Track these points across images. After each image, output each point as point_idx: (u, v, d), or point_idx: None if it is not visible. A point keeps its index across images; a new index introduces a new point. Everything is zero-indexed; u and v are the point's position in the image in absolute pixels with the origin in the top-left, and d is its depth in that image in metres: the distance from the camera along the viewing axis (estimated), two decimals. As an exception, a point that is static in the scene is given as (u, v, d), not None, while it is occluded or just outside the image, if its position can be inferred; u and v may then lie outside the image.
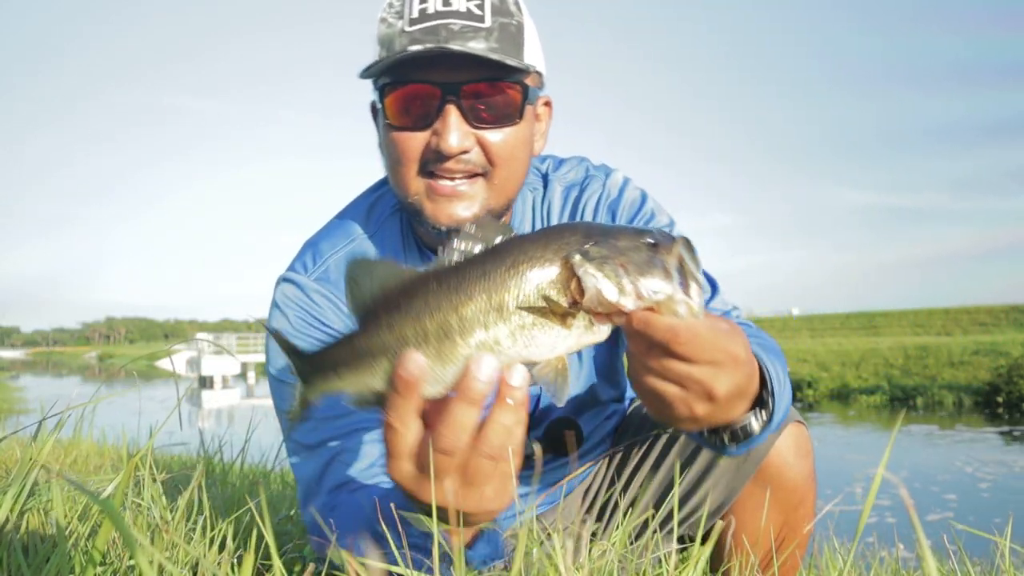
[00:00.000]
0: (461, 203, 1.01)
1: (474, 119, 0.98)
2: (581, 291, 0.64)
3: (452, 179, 1.00)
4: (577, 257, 0.64)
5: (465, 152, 0.99)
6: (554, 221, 1.20)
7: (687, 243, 0.67)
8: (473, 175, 1.01)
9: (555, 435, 1.18)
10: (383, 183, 1.22)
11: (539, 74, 1.07)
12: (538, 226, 1.21)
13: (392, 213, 1.18)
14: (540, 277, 0.64)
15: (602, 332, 0.67)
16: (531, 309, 0.64)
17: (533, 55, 1.03)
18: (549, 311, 0.65)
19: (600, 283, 0.63)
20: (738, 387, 0.74)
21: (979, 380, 18.07)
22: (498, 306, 0.64)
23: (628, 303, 0.64)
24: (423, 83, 0.97)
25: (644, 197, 1.24)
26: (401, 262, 1.14)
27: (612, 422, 1.36)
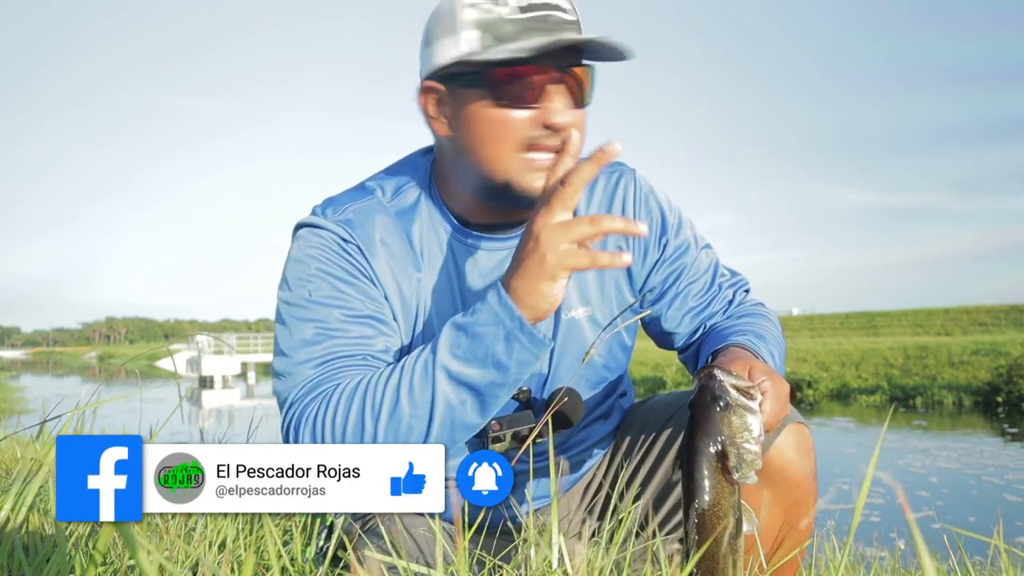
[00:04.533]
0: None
1: (576, 100, 1.07)
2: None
3: (549, 153, 1.06)
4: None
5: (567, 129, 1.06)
6: (581, 210, 1.24)
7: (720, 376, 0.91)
8: (556, 152, 1.07)
9: (557, 404, 1.19)
10: (408, 160, 1.24)
11: None
12: None
13: (415, 185, 1.20)
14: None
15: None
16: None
17: None
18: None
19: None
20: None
21: (979, 380, 18.08)
22: None
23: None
24: (535, 63, 1.04)
25: (663, 205, 1.30)
26: (417, 230, 1.16)
27: (614, 421, 1.36)
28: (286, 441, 1.03)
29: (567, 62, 1.05)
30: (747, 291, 1.33)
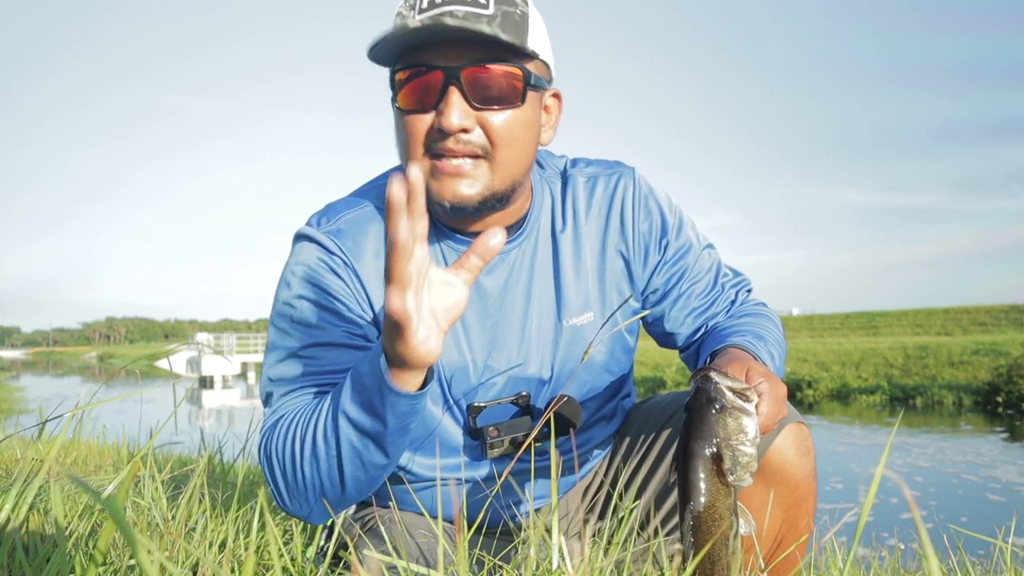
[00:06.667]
0: (464, 180, 1.05)
1: (475, 100, 1.02)
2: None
3: (455, 158, 1.04)
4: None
5: (465, 131, 1.02)
6: (581, 214, 1.24)
7: (715, 378, 0.90)
8: (475, 156, 1.04)
9: (552, 409, 1.18)
10: (396, 170, 1.24)
11: (546, 65, 1.10)
12: (559, 219, 1.23)
13: None
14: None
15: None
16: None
17: (538, 44, 1.07)
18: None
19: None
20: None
21: (979, 380, 18.07)
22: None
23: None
24: (426, 66, 1.02)
25: (664, 206, 1.29)
26: None
27: (617, 422, 1.36)
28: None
29: (460, 61, 1.01)
30: (749, 291, 1.33)
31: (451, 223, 1.15)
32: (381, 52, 1.03)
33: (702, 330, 1.28)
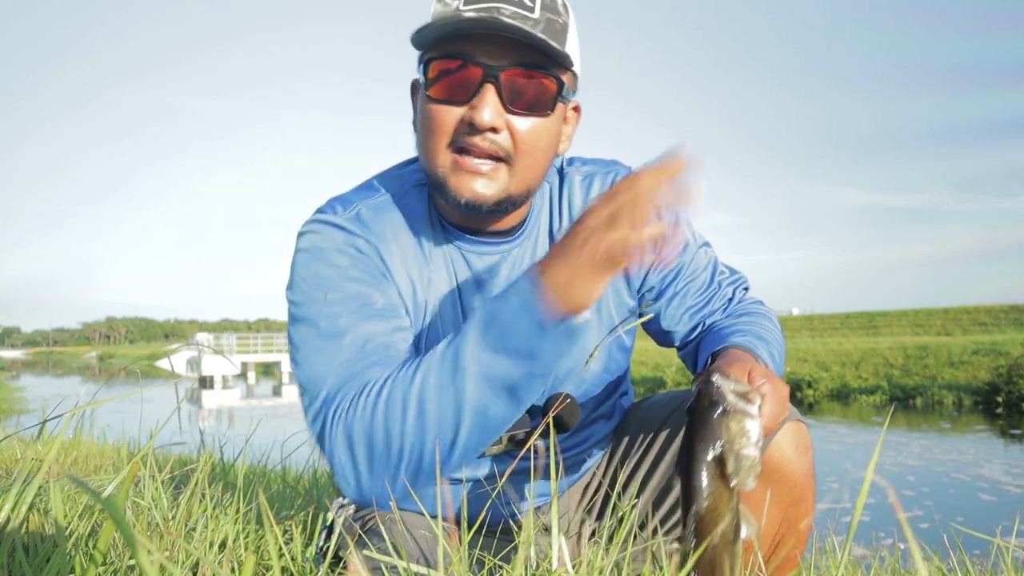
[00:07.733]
0: (482, 180, 1.04)
1: (509, 103, 1.03)
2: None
3: (478, 156, 1.03)
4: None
5: (495, 131, 1.02)
6: (576, 212, 1.23)
7: (716, 382, 0.88)
8: (497, 158, 1.04)
9: (556, 410, 1.18)
10: (407, 163, 1.25)
11: (575, 76, 1.10)
12: (556, 217, 1.24)
13: (416, 185, 1.19)
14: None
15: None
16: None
17: (573, 56, 1.07)
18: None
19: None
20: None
21: (979, 380, 18.07)
22: None
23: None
24: (467, 60, 1.01)
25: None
26: (422, 230, 1.16)
27: (615, 421, 1.36)
28: (320, 446, 0.97)
29: (501, 61, 1.01)
30: (746, 289, 1.33)
31: (461, 222, 1.15)
32: (427, 36, 1.02)
33: (699, 328, 1.28)
